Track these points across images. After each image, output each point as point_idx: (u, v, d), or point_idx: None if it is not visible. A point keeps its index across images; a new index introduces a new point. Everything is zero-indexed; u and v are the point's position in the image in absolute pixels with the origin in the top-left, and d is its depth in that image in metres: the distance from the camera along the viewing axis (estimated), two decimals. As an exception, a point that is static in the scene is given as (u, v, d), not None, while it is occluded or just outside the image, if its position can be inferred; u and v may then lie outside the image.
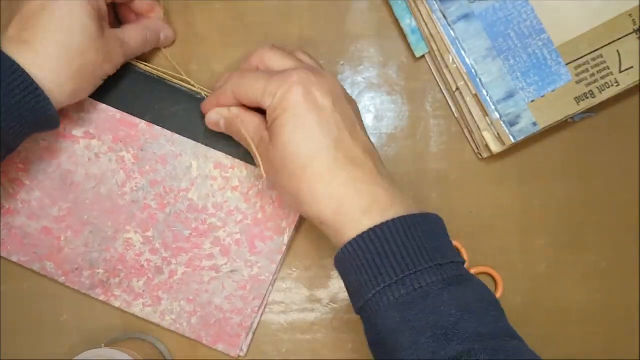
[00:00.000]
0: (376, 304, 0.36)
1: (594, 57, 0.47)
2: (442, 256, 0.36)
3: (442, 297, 0.35)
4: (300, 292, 0.50)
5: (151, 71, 0.48)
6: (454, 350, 0.33)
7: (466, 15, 0.47)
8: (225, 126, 0.44)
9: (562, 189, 0.51)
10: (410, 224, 0.36)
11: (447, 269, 0.36)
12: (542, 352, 0.35)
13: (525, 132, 0.47)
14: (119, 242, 0.48)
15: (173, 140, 0.48)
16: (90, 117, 0.48)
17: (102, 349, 0.43)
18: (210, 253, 0.48)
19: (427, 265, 0.35)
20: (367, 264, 0.36)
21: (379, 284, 0.36)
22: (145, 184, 0.48)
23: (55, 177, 0.48)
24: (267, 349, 0.50)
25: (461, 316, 0.34)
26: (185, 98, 0.48)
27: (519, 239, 0.51)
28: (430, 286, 0.35)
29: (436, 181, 0.51)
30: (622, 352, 0.50)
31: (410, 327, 0.34)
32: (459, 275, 0.36)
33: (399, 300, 0.35)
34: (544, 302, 0.50)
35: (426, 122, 0.51)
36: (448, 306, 0.35)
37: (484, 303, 0.36)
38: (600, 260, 0.51)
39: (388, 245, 0.36)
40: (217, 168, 0.48)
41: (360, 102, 0.51)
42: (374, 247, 0.36)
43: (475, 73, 0.47)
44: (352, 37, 0.51)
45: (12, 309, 0.49)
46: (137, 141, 0.48)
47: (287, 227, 0.48)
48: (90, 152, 0.48)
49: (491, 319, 0.35)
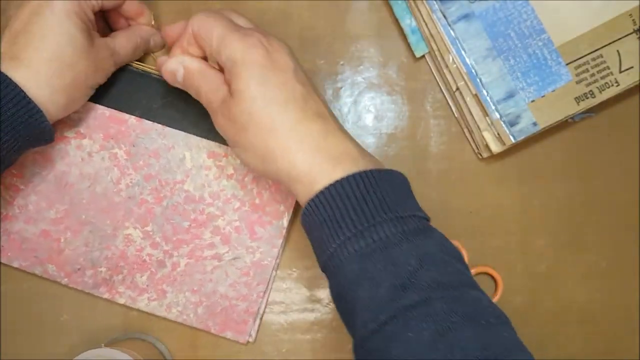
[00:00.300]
0: (337, 258, 0.36)
1: (594, 57, 0.47)
2: (404, 209, 0.36)
3: (401, 247, 0.35)
4: (300, 292, 0.50)
5: (136, 66, 0.48)
6: (411, 299, 0.33)
7: (466, 15, 0.47)
8: (183, 79, 0.42)
9: (562, 189, 0.51)
10: (373, 178, 0.36)
11: (408, 221, 0.36)
12: (542, 352, 0.36)
13: (525, 132, 0.47)
14: (119, 239, 0.48)
15: (164, 133, 0.48)
16: (79, 116, 0.48)
17: (102, 349, 0.43)
18: (211, 242, 0.48)
19: (387, 217, 0.35)
20: (328, 219, 0.36)
21: (339, 237, 0.36)
22: (140, 179, 0.48)
23: (50, 180, 0.48)
24: (267, 349, 0.50)
25: (420, 265, 0.34)
26: (172, 90, 0.47)
27: (519, 239, 0.51)
28: (389, 237, 0.35)
29: (436, 181, 0.51)
30: (622, 352, 0.50)
31: (369, 277, 0.35)
32: (421, 227, 0.36)
33: (359, 252, 0.35)
34: (544, 302, 0.50)
35: (426, 122, 0.51)
36: (407, 256, 0.35)
37: (444, 254, 0.36)
38: (600, 260, 0.51)
39: (348, 199, 0.36)
40: (211, 157, 0.48)
41: (360, 102, 0.51)
42: (335, 202, 0.36)
43: (475, 73, 0.47)
44: (352, 37, 0.51)
45: (12, 309, 0.49)
46: (128, 137, 0.48)
47: (285, 211, 0.48)
48: (83, 151, 0.48)
49: (452, 270, 0.35)
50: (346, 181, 0.36)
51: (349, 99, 0.51)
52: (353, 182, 0.36)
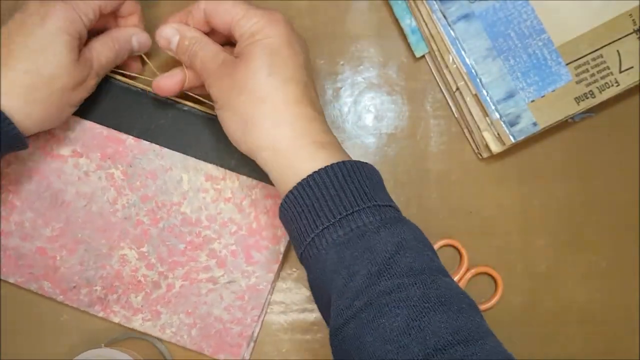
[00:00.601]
0: (315, 247, 0.36)
1: (594, 57, 0.47)
2: (381, 199, 0.37)
3: (379, 234, 0.35)
4: (300, 292, 0.50)
5: (134, 84, 0.47)
6: (385, 286, 0.34)
7: (466, 15, 0.47)
8: (178, 46, 0.42)
9: (562, 189, 0.51)
10: (351, 169, 0.37)
11: (385, 210, 0.36)
12: (542, 352, 0.35)
13: (525, 132, 0.47)
14: (114, 258, 0.48)
15: (162, 154, 0.48)
16: (76, 135, 0.47)
17: (102, 349, 0.43)
18: (206, 265, 0.48)
19: (365, 206, 0.36)
20: (307, 210, 0.36)
21: (317, 227, 0.36)
22: (136, 200, 0.48)
23: (46, 197, 0.47)
24: (267, 349, 0.50)
25: (396, 251, 0.35)
26: (170, 110, 0.48)
27: (519, 239, 0.51)
28: (367, 225, 0.35)
29: (436, 181, 0.51)
30: (622, 352, 0.50)
31: (346, 266, 0.35)
32: (396, 216, 0.37)
33: (337, 241, 0.35)
34: (544, 302, 0.50)
35: (426, 122, 0.51)
36: (384, 243, 0.35)
37: (419, 242, 0.36)
38: (600, 260, 0.51)
39: (326, 189, 0.36)
40: (209, 180, 0.48)
41: (360, 102, 0.51)
42: (313, 193, 0.36)
43: (475, 73, 0.47)
44: (352, 37, 0.51)
45: (12, 309, 0.49)
46: (126, 157, 0.48)
47: (282, 236, 0.48)
48: (79, 170, 0.47)
49: (426, 257, 0.36)
50: (325, 171, 0.37)
51: (349, 99, 0.51)
52: (331, 172, 0.36)
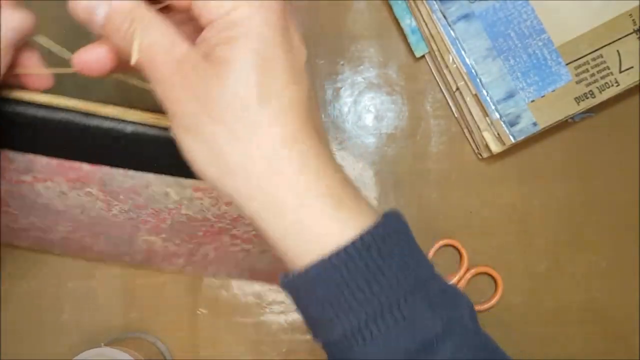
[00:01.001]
0: (349, 340, 0.28)
1: (594, 57, 0.47)
2: (421, 269, 0.30)
3: (426, 319, 0.29)
4: (300, 292, 0.50)
5: (65, 104, 0.34)
6: None
7: (466, 15, 0.47)
8: (107, 21, 0.28)
9: (562, 189, 0.51)
10: (386, 235, 0.28)
11: (431, 286, 0.29)
12: (542, 352, 0.35)
13: (525, 132, 0.47)
14: (139, 241, 0.46)
15: (130, 175, 0.38)
16: (25, 165, 0.38)
17: (102, 349, 0.43)
18: (234, 242, 0.45)
19: (409, 286, 0.28)
20: (334, 296, 0.28)
21: (353, 319, 0.28)
22: (130, 207, 0.42)
23: (40, 208, 0.43)
24: (267, 349, 0.49)
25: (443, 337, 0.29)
26: (121, 132, 0.35)
27: (519, 239, 0.51)
28: (418, 312, 0.28)
29: (436, 181, 0.51)
30: (622, 352, 0.50)
31: None
32: (444, 289, 0.30)
33: (382, 335, 0.28)
34: (544, 302, 0.50)
35: (426, 122, 0.51)
36: (433, 328, 0.29)
37: (470, 320, 0.31)
38: (600, 260, 0.51)
39: (358, 271, 0.27)
40: (198, 191, 0.40)
41: (360, 102, 0.51)
42: (341, 275, 0.27)
43: (475, 73, 0.47)
44: (352, 37, 0.51)
45: (12, 309, 0.49)
46: (94, 179, 0.39)
47: None
48: (53, 191, 0.40)
49: (478, 341, 0.30)
50: (354, 247, 0.27)
51: (349, 99, 0.51)
52: (364, 245, 0.28)
